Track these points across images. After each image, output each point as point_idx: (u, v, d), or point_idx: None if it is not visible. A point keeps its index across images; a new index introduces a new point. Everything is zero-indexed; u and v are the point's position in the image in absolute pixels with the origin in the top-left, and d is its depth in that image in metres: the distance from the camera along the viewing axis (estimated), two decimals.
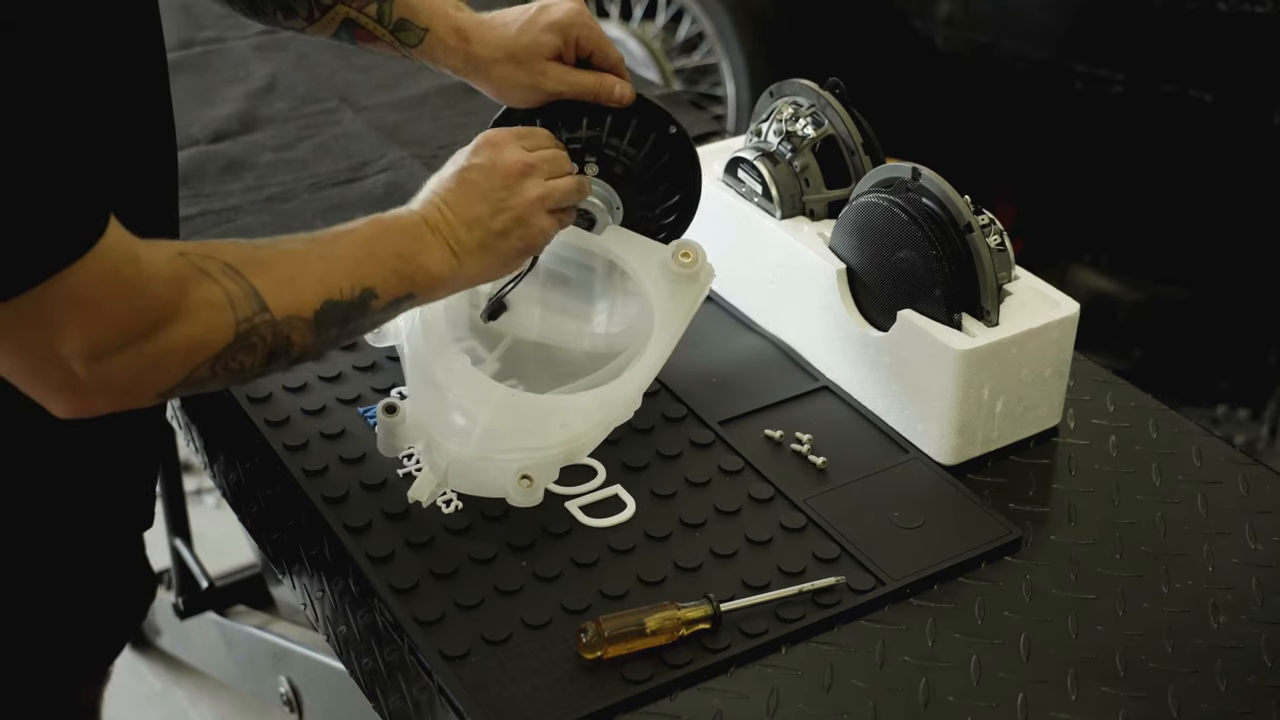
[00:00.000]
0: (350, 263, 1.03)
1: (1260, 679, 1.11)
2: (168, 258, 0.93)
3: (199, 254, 0.95)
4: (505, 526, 1.21)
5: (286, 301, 0.98)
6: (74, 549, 1.14)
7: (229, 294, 0.94)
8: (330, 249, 1.03)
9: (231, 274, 0.95)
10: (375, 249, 1.06)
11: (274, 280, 0.97)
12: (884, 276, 1.32)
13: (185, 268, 0.93)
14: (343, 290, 1.02)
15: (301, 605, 1.31)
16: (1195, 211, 2.85)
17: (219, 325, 0.94)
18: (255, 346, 0.97)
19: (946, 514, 1.25)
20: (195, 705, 2.32)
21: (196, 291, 0.93)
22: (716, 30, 3.13)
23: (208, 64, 2.03)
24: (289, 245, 1.02)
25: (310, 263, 1.01)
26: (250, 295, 0.95)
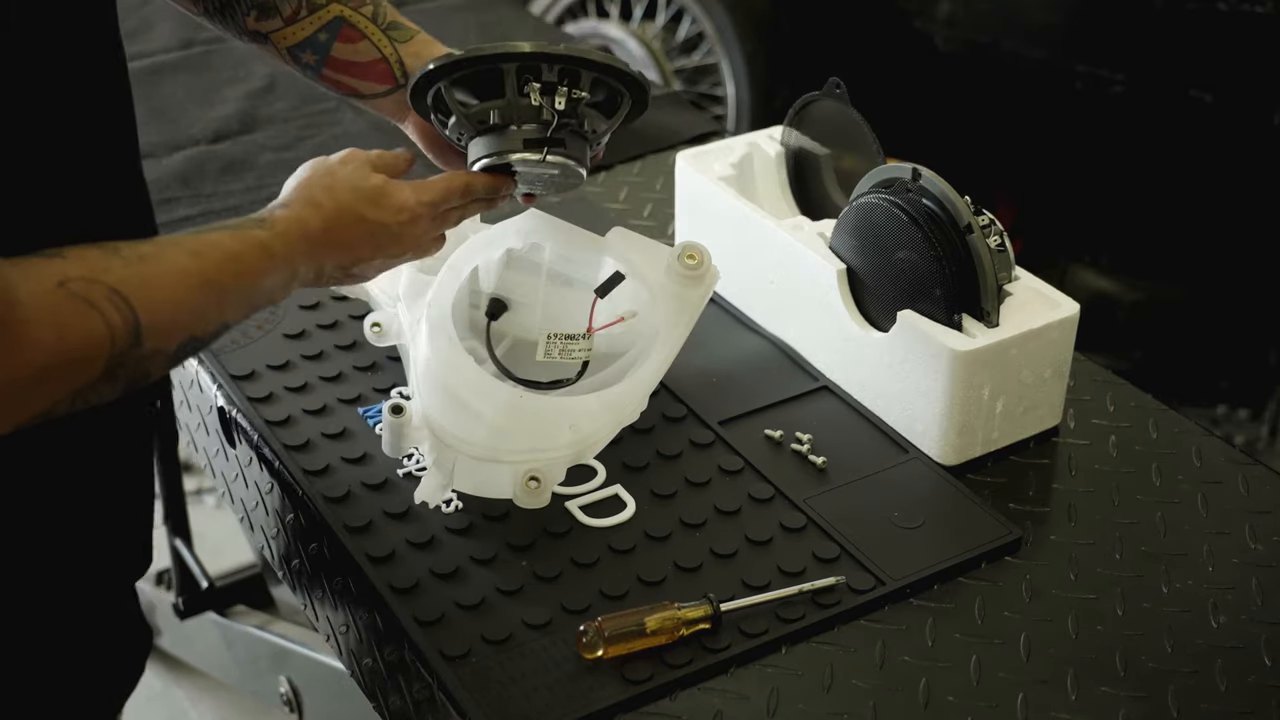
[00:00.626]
0: (222, 295, 0.99)
1: (1260, 679, 1.11)
2: (46, 291, 0.86)
3: (84, 280, 0.88)
4: (506, 526, 1.21)
5: (159, 335, 0.93)
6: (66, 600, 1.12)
7: (111, 328, 0.88)
8: (212, 274, 0.97)
9: (117, 302, 0.89)
10: (249, 286, 1.01)
11: (155, 309, 0.92)
12: (884, 277, 1.32)
13: (65, 304, 0.86)
14: (206, 325, 0.98)
15: (301, 605, 1.31)
16: (1195, 211, 2.85)
17: (91, 361, 0.88)
18: (118, 379, 0.91)
19: (946, 514, 1.25)
20: (195, 705, 2.32)
21: (76, 330, 0.87)
22: (716, 30, 3.13)
23: (208, 64, 2.03)
24: (174, 259, 0.95)
25: (192, 290, 0.95)
26: (130, 329, 0.90)
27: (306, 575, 1.27)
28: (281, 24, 1.25)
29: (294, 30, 1.25)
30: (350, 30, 1.25)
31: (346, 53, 1.25)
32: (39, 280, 0.86)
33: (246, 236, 1.02)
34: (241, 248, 1.01)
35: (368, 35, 1.25)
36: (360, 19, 1.25)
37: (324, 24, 1.25)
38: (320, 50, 1.25)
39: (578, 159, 1.18)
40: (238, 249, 1.00)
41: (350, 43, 1.25)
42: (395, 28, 1.26)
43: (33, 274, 0.86)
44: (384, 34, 1.26)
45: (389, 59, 1.26)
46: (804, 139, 1.50)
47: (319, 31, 1.25)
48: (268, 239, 1.03)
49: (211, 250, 0.98)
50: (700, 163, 1.52)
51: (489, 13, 2.23)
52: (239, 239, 1.01)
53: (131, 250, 0.93)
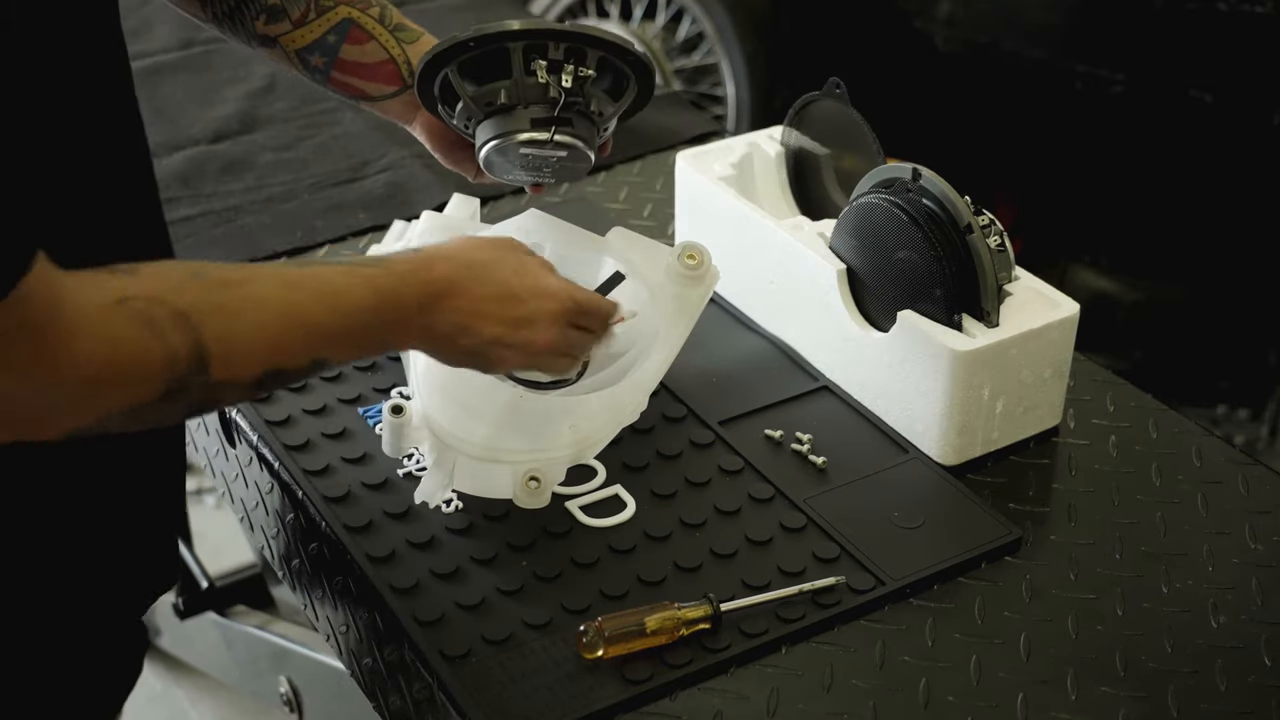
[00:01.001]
0: (316, 331, 0.94)
1: (1260, 679, 1.11)
2: (102, 309, 0.83)
3: (148, 299, 0.85)
4: (506, 526, 1.21)
5: (232, 365, 0.89)
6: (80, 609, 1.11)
7: (170, 352, 0.85)
8: (309, 308, 0.93)
9: (182, 326, 0.86)
10: (351, 326, 0.96)
11: (228, 338, 0.88)
12: (884, 277, 1.32)
13: (122, 322, 0.84)
14: (294, 357, 0.93)
15: (302, 605, 1.31)
16: (1195, 211, 2.85)
17: (146, 384, 0.85)
18: (180, 403, 0.88)
19: (946, 514, 1.25)
20: (195, 705, 2.32)
21: (131, 349, 0.84)
22: (716, 30, 3.13)
23: (208, 64, 2.03)
24: (263, 287, 0.92)
25: (277, 321, 0.91)
26: (194, 355, 0.86)
27: (306, 575, 1.27)
28: (290, 27, 1.25)
29: (303, 33, 1.25)
30: (358, 32, 1.26)
31: (355, 54, 1.26)
32: (97, 293, 0.84)
33: (354, 272, 0.97)
34: (346, 283, 0.96)
35: (375, 36, 1.26)
36: (368, 20, 1.26)
37: (332, 26, 1.25)
38: (329, 52, 1.26)
39: (585, 140, 1.19)
40: (341, 284, 0.95)
41: (358, 44, 1.26)
42: (401, 29, 1.27)
43: (91, 286, 0.84)
44: (391, 35, 1.27)
45: (397, 60, 1.26)
46: (804, 139, 1.50)
47: (328, 33, 1.26)
48: (379, 276, 0.98)
49: (309, 281, 0.94)
50: (700, 163, 1.52)
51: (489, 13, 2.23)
52: (345, 274, 0.96)
53: (217, 273, 0.90)
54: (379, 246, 1.38)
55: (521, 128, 1.17)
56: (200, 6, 1.27)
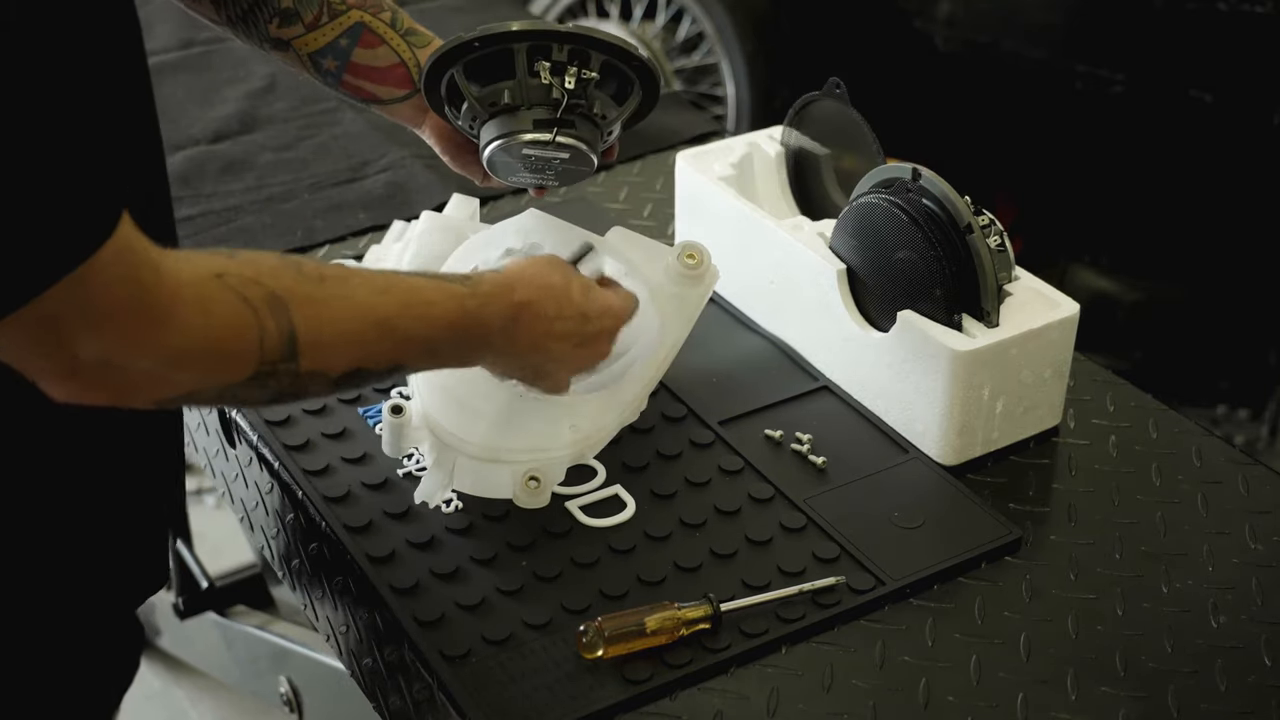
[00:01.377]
0: (403, 339, 0.97)
1: (1260, 679, 1.11)
2: (199, 278, 0.86)
3: (243, 278, 0.87)
4: (505, 526, 1.21)
5: (320, 357, 0.91)
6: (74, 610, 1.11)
7: (263, 332, 0.87)
8: (397, 314, 0.97)
9: (276, 309, 0.88)
10: (434, 337, 1.00)
11: (318, 328, 0.91)
12: (884, 277, 1.32)
13: (218, 293, 0.86)
14: (378, 361, 0.97)
15: (302, 605, 1.31)
16: (1195, 211, 2.85)
17: (239, 361, 0.88)
18: (268, 387, 0.90)
19: (946, 514, 1.25)
20: (195, 705, 2.32)
21: (226, 322, 0.86)
22: (716, 30, 3.13)
23: (208, 64, 2.03)
24: (356, 289, 0.95)
25: (366, 321, 0.95)
26: (285, 340, 0.89)
27: (306, 575, 1.27)
28: (303, 30, 1.27)
29: (315, 36, 1.27)
30: (370, 35, 1.27)
31: (366, 58, 1.27)
32: (195, 268, 0.86)
33: (443, 288, 1.01)
34: (435, 296, 1.00)
35: (386, 40, 1.27)
36: (379, 24, 1.27)
37: (345, 29, 1.27)
38: (341, 56, 1.27)
39: (588, 142, 1.19)
40: (431, 296, 1.00)
41: (370, 48, 1.27)
42: (413, 34, 1.29)
43: (190, 261, 0.86)
44: (402, 39, 1.28)
45: (407, 63, 1.28)
46: (804, 139, 1.50)
47: (340, 37, 1.27)
48: (465, 296, 1.02)
49: (399, 290, 0.98)
50: (700, 163, 1.52)
51: (489, 13, 2.23)
52: (435, 287, 1.01)
53: (314, 268, 0.93)
54: (378, 247, 1.38)
55: (524, 128, 1.18)
56: (214, 10, 1.28)
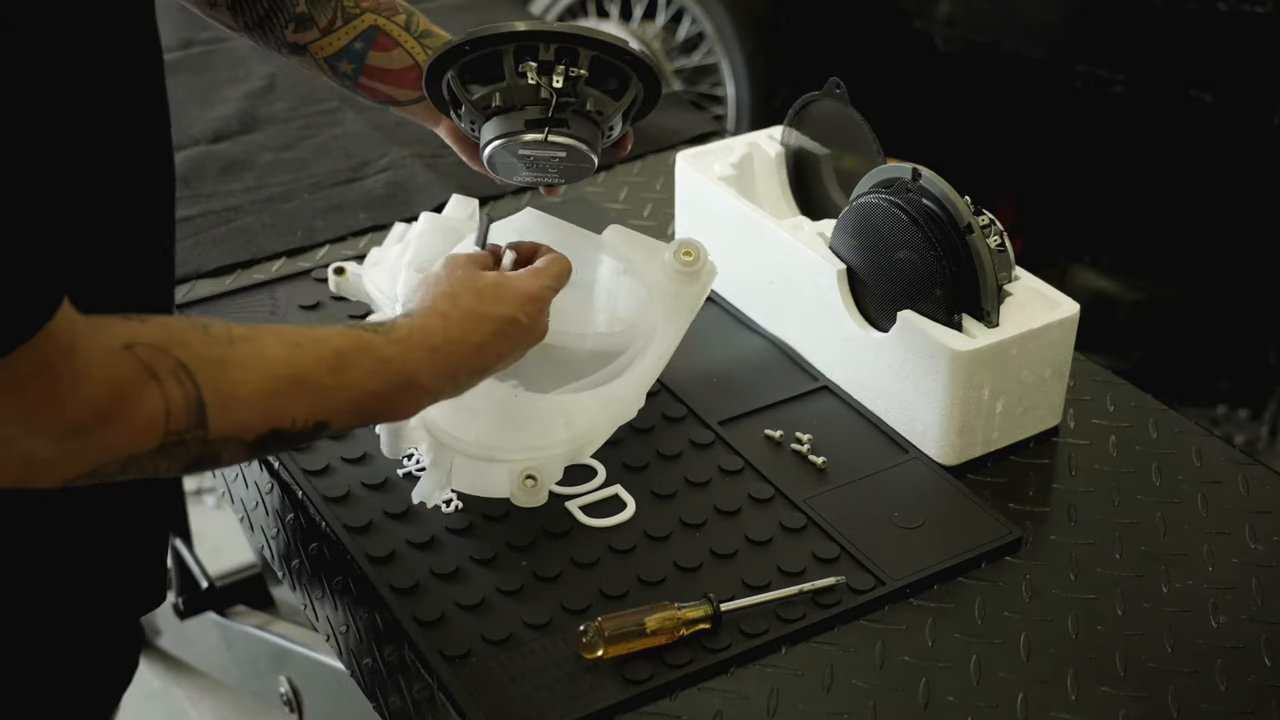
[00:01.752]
0: (316, 390, 0.93)
1: (1260, 679, 1.11)
2: (109, 353, 0.83)
3: (153, 346, 0.85)
4: (505, 526, 1.21)
5: (230, 422, 0.88)
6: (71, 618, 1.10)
7: (169, 403, 0.85)
8: (307, 368, 0.93)
9: (182, 377, 0.85)
10: (353, 389, 0.96)
11: (226, 394, 0.88)
12: (884, 277, 1.32)
13: (128, 369, 0.83)
14: (295, 421, 0.93)
15: (302, 605, 1.31)
16: (1195, 211, 2.85)
17: (144, 432, 0.85)
18: (177, 457, 0.87)
19: (946, 514, 1.25)
20: (195, 705, 2.32)
21: (132, 399, 0.83)
22: (716, 30, 3.13)
23: (208, 64, 2.03)
24: (266, 346, 0.92)
25: (278, 380, 0.91)
26: (192, 409, 0.86)
27: (306, 575, 1.27)
28: (318, 34, 1.28)
29: (330, 40, 1.28)
30: (384, 39, 1.28)
31: (381, 60, 1.29)
32: (108, 337, 0.83)
33: (357, 337, 0.98)
34: (346, 346, 0.96)
35: (401, 43, 1.28)
36: (394, 27, 1.28)
37: (359, 33, 1.28)
38: (356, 59, 1.29)
39: (585, 141, 1.19)
40: (341, 345, 0.96)
41: (385, 50, 1.28)
42: (427, 35, 1.30)
43: (103, 330, 0.83)
44: (416, 41, 1.29)
45: (421, 65, 1.28)
46: (804, 139, 1.50)
47: (355, 40, 1.28)
48: (381, 344, 0.99)
49: (311, 344, 0.94)
50: (700, 163, 1.52)
51: (489, 12, 2.23)
52: (347, 337, 0.97)
53: (223, 330, 0.90)
54: (379, 248, 1.38)
55: (516, 129, 1.18)
56: (231, 17, 1.29)
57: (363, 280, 1.33)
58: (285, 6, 1.27)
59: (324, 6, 1.27)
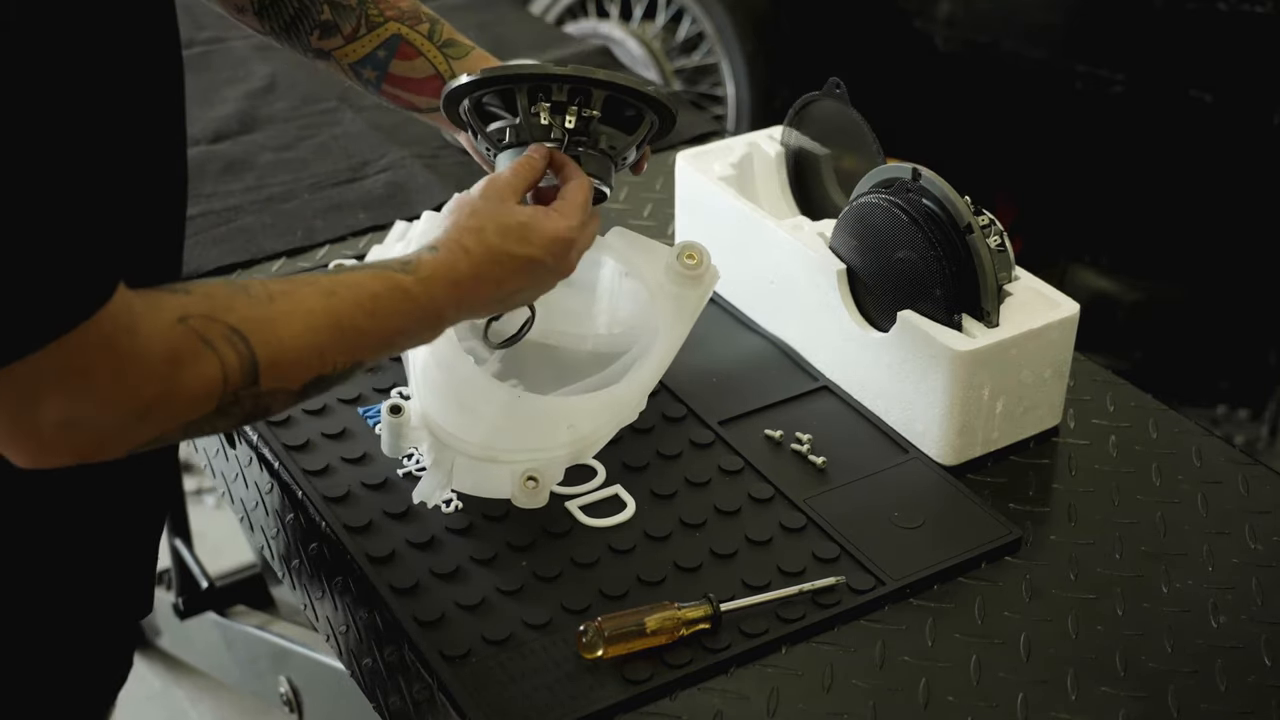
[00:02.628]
0: (354, 335, 0.98)
1: (1260, 679, 1.11)
2: (166, 326, 0.87)
3: (204, 317, 0.88)
4: (505, 526, 1.21)
5: (280, 373, 0.92)
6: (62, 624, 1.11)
7: (225, 367, 0.89)
8: (345, 315, 0.97)
9: (235, 340, 0.89)
10: (386, 327, 1.01)
11: (276, 350, 0.92)
12: (884, 277, 1.32)
13: (184, 339, 0.87)
14: (336, 365, 0.97)
15: (302, 605, 1.31)
16: (1195, 211, 2.85)
17: (204, 398, 0.89)
18: (233, 415, 0.92)
19: (946, 514, 1.25)
20: (195, 705, 2.32)
21: (191, 367, 0.87)
22: (716, 30, 3.13)
23: (208, 64, 2.03)
24: (305, 299, 0.95)
25: (319, 330, 0.95)
26: (247, 368, 0.90)
27: (306, 575, 1.27)
28: (342, 42, 1.29)
29: (354, 48, 1.30)
30: (407, 47, 1.30)
31: (404, 69, 1.30)
32: (161, 313, 0.87)
33: (387, 279, 1.01)
34: (380, 288, 1.00)
35: (423, 53, 1.30)
36: (417, 37, 1.30)
37: (382, 41, 1.29)
38: (379, 66, 1.30)
39: (597, 175, 1.20)
40: (376, 289, 1.00)
41: (407, 59, 1.30)
42: (451, 45, 1.31)
43: (155, 306, 0.87)
44: (439, 51, 1.30)
45: (444, 75, 1.30)
46: (804, 139, 1.50)
47: (378, 49, 1.29)
48: (410, 284, 1.02)
49: (346, 290, 0.98)
50: (700, 163, 1.52)
51: (488, 12, 2.24)
52: (379, 279, 1.01)
53: (262, 288, 0.93)
54: (379, 247, 1.38)
55: None
56: (259, 21, 1.30)
57: None
58: (310, 14, 1.28)
59: (348, 14, 1.29)
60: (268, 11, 1.29)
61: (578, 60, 2.10)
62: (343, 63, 1.31)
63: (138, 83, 0.96)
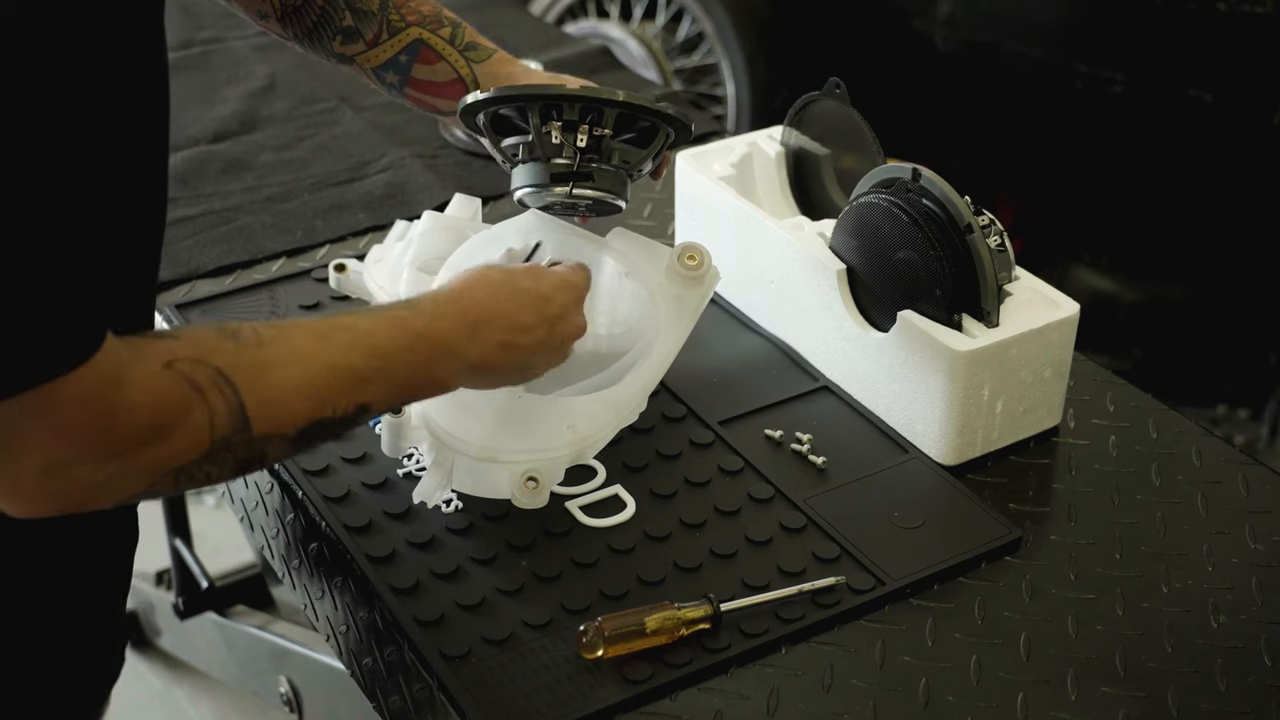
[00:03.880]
0: (350, 376, 0.95)
1: (1260, 679, 1.11)
2: (152, 374, 0.86)
3: (191, 360, 0.87)
4: (505, 526, 1.21)
5: (271, 419, 0.91)
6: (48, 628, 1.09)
7: (213, 413, 0.88)
8: (339, 356, 0.95)
9: (222, 385, 0.88)
10: (389, 366, 0.98)
11: (266, 393, 0.90)
12: (884, 277, 1.32)
13: (171, 386, 0.86)
14: (336, 409, 0.95)
15: (302, 605, 1.31)
16: (1195, 212, 2.85)
17: (191, 445, 0.88)
18: (225, 462, 0.90)
19: (946, 514, 1.25)
20: (195, 705, 2.32)
21: (178, 415, 0.86)
22: (716, 30, 3.13)
23: (208, 64, 2.03)
24: (296, 342, 0.94)
25: (313, 372, 0.93)
26: (235, 413, 0.89)
27: (306, 575, 1.27)
28: (365, 47, 1.30)
29: (376, 53, 1.31)
30: (429, 52, 1.31)
31: (425, 73, 1.31)
32: (146, 360, 0.86)
33: (386, 316, 1.01)
34: (377, 325, 0.99)
35: (445, 57, 1.31)
36: (438, 41, 1.30)
37: (404, 46, 1.30)
38: (401, 71, 1.31)
39: (610, 191, 1.22)
40: (371, 327, 0.98)
41: (429, 64, 1.31)
42: (472, 48, 1.31)
43: (143, 354, 0.86)
44: (461, 55, 1.31)
45: (465, 79, 1.31)
46: (804, 139, 1.50)
47: (400, 54, 1.30)
48: (410, 318, 1.01)
49: (340, 332, 0.96)
50: (700, 163, 1.52)
51: (488, 13, 2.23)
52: (376, 318, 1.00)
53: (252, 333, 0.92)
54: (380, 247, 1.38)
55: (542, 182, 1.22)
56: (281, 27, 1.31)
57: (364, 278, 1.33)
58: (332, 20, 1.29)
59: (369, 20, 1.29)
60: (290, 18, 1.30)
61: (578, 60, 2.10)
62: (365, 68, 1.32)
63: (127, 125, 0.94)
